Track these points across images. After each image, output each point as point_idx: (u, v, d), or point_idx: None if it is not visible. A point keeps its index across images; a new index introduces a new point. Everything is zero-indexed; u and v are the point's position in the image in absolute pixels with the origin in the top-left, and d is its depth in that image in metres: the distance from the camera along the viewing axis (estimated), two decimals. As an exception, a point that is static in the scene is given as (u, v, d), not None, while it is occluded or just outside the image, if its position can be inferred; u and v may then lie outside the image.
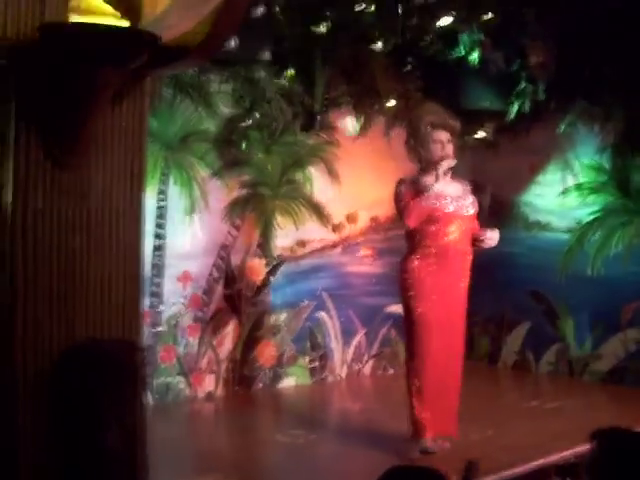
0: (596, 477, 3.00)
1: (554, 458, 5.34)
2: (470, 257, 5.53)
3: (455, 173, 5.58)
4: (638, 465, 2.88)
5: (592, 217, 7.86)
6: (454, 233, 5.41)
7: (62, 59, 3.27)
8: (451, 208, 5.41)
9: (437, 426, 5.42)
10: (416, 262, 5.43)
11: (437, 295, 5.39)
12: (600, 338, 7.75)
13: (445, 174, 5.44)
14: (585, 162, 7.91)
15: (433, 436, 5.40)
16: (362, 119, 7.62)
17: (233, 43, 5.99)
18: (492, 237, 5.51)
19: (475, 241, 5.50)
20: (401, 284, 5.50)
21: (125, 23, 3.41)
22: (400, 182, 5.52)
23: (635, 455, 2.92)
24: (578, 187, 7.97)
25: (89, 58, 3.25)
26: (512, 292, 8.28)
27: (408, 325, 5.49)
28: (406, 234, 5.57)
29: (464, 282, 5.52)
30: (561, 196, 8.09)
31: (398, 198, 5.46)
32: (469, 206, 5.53)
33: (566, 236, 8.03)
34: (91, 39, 3.22)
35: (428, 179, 5.41)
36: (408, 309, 5.47)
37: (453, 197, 5.44)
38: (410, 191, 5.41)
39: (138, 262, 3.79)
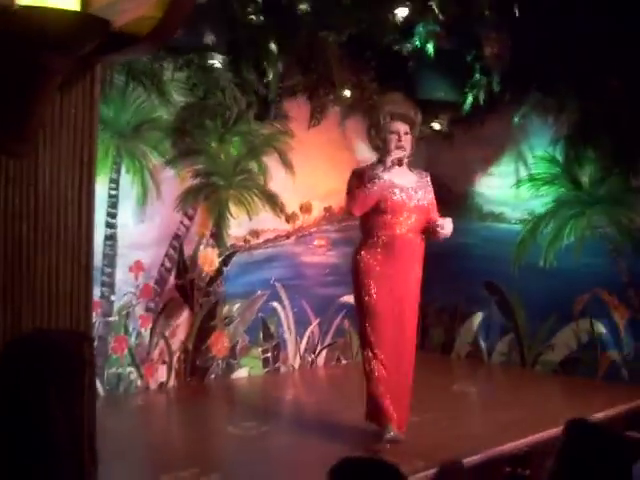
0: (565, 464, 3.06)
1: (506, 448, 5.37)
2: (421, 248, 5.51)
3: (411, 164, 5.57)
4: (602, 454, 3.00)
5: (545, 208, 7.90)
6: (403, 223, 5.39)
7: (10, 44, 3.20)
8: (400, 198, 5.37)
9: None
10: (365, 252, 5.42)
11: (386, 285, 5.36)
12: (552, 329, 7.79)
13: (398, 165, 5.43)
14: (539, 154, 7.95)
15: (395, 425, 5.36)
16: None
17: (186, 31, 5.91)
18: (445, 226, 5.46)
19: (428, 231, 5.48)
20: (351, 274, 5.50)
21: (76, 6, 3.34)
22: (353, 172, 5.52)
23: (601, 445, 3.03)
24: (531, 178, 8.01)
25: (38, 44, 3.18)
26: (465, 283, 8.32)
27: (358, 315, 5.49)
28: (359, 224, 5.56)
29: (415, 272, 5.49)
30: (515, 187, 8.13)
31: (347, 187, 5.47)
32: (422, 197, 5.50)
33: (519, 227, 8.08)
34: (40, 24, 3.15)
35: (379, 169, 5.40)
36: (358, 299, 5.47)
37: (404, 188, 5.41)
38: (359, 180, 5.39)
39: (88, 251, 3.73)
